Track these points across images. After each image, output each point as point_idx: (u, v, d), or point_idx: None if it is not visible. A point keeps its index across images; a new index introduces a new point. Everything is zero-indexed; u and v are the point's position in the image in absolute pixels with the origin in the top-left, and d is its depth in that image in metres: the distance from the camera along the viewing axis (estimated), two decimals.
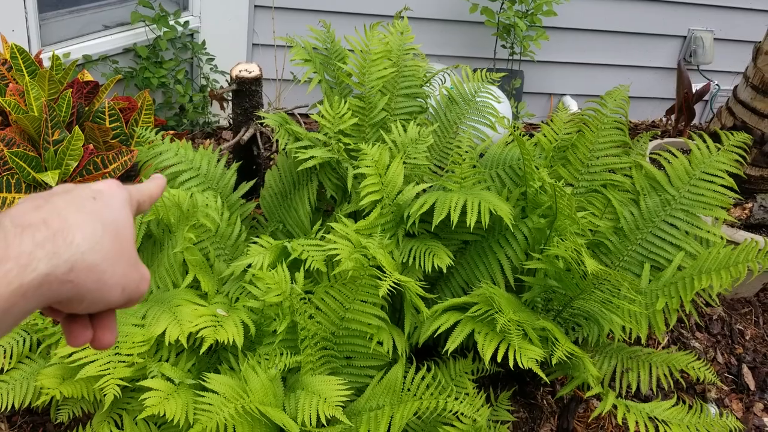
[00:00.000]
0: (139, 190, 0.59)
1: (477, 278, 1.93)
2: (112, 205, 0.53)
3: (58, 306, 0.49)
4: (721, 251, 1.85)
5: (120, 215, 0.53)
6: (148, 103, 2.32)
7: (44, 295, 0.46)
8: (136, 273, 0.53)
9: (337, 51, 2.27)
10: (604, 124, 2.09)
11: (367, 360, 1.77)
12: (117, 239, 0.51)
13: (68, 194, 0.51)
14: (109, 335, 0.55)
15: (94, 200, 0.52)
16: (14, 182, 1.93)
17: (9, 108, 1.98)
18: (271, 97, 3.12)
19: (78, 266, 0.47)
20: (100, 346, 0.55)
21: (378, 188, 1.85)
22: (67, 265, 0.46)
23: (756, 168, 2.63)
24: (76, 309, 0.50)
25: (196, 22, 2.99)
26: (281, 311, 1.66)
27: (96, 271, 0.48)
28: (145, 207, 0.60)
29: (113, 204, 0.53)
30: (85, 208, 0.50)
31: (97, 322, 0.54)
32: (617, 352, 2.01)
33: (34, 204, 0.48)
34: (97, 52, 2.76)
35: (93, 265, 0.48)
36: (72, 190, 0.52)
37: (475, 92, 2.24)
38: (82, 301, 0.49)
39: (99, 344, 0.55)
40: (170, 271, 1.79)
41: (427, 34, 3.33)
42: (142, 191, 0.59)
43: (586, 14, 3.52)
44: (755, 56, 2.65)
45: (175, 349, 1.69)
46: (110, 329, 0.55)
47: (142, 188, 0.59)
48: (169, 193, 1.80)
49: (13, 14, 2.47)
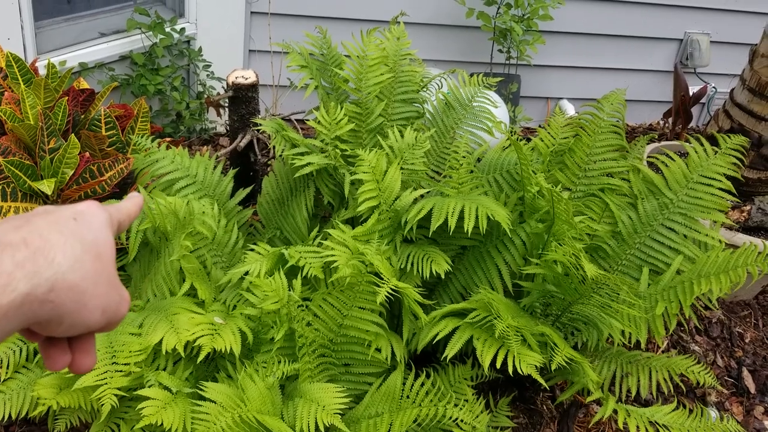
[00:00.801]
0: (118, 210, 0.59)
1: (475, 284, 1.92)
2: (93, 225, 0.52)
3: (37, 328, 0.49)
4: (720, 255, 1.85)
5: (100, 236, 0.52)
6: (145, 111, 2.31)
7: (24, 315, 0.45)
8: (116, 294, 0.53)
9: (334, 57, 2.27)
10: (601, 128, 2.08)
11: (366, 367, 1.76)
12: (97, 259, 0.51)
13: (49, 215, 0.51)
14: (88, 359, 0.54)
15: (75, 221, 0.51)
16: (10, 191, 1.92)
17: (5, 116, 1.97)
18: (268, 103, 3.12)
19: (58, 286, 0.47)
20: (78, 371, 0.54)
21: (375, 194, 1.84)
22: (48, 284, 0.46)
23: (754, 171, 2.63)
24: (55, 331, 0.50)
25: (192, 28, 2.99)
26: (279, 319, 1.66)
27: (76, 290, 0.48)
28: (125, 226, 0.60)
29: (94, 225, 0.53)
30: (66, 229, 0.50)
31: (76, 345, 0.54)
32: (617, 357, 2.01)
33: (14, 224, 0.48)
34: (93, 59, 2.76)
35: (73, 284, 0.48)
36: (53, 212, 0.52)
37: (471, 97, 2.24)
38: (61, 323, 0.48)
39: (77, 368, 0.54)
40: (167, 279, 1.78)
41: (424, 39, 3.34)
42: (121, 211, 0.59)
43: (582, 18, 3.52)
44: (752, 59, 2.66)
45: (173, 358, 1.68)
46: (89, 353, 0.54)
47: (121, 208, 0.59)
48: (166, 201, 1.79)
49: (9, 22, 2.47)
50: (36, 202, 1.97)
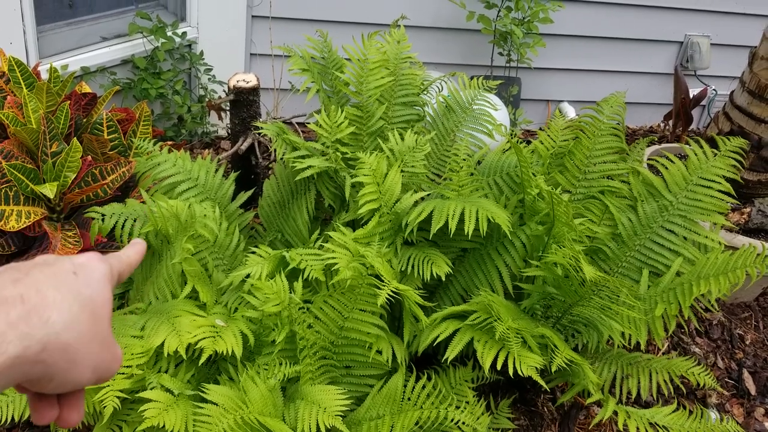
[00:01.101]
0: (119, 260, 0.58)
1: (476, 286, 1.93)
2: (92, 281, 0.52)
3: (27, 384, 0.48)
4: (720, 257, 1.85)
5: (99, 293, 0.52)
6: (146, 114, 2.32)
7: (14, 375, 0.45)
8: (108, 353, 0.52)
9: (335, 60, 2.28)
10: (600, 131, 2.09)
11: (367, 369, 1.77)
12: (93, 319, 0.50)
13: (49, 267, 0.50)
14: (75, 414, 0.54)
15: (75, 275, 0.51)
16: (12, 195, 1.93)
17: (7, 121, 1.98)
18: (269, 106, 3.13)
19: (51, 346, 0.46)
20: (64, 425, 0.54)
21: (376, 197, 1.85)
22: (40, 345, 0.45)
23: (753, 173, 2.64)
24: (45, 388, 0.49)
25: (194, 32, 3.00)
26: (280, 321, 1.66)
27: (69, 350, 0.47)
28: (125, 276, 0.59)
29: (93, 280, 0.52)
30: (64, 285, 0.49)
31: (65, 400, 0.53)
32: (617, 359, 2.01)
33: (13, 277, 0.47)
34: (95, 63, 2.77)
35: (66, 344, 0.47)
36: (53, 264, 0.51)
37: (471, 100, 2.24)
38: (51, 380, 0.48)
39: (64, 423, 0.54)
40: (169, 282, 1.79)
41: (425, 42, 3.35)
42: (122, 261, 0.59)
43: (583, 21, 3.53)
44: (751, 61, 2.66)
45: (174, 360, 1.69)
46: (77, 408, 0.54)
47: (122, 258, 0.59)
48: (168, 204, 1.80)
49: (11, 27, 2.48)
50: (38, 206, 1.98)
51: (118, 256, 0.59)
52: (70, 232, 1.98)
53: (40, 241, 2.02)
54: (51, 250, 1.89)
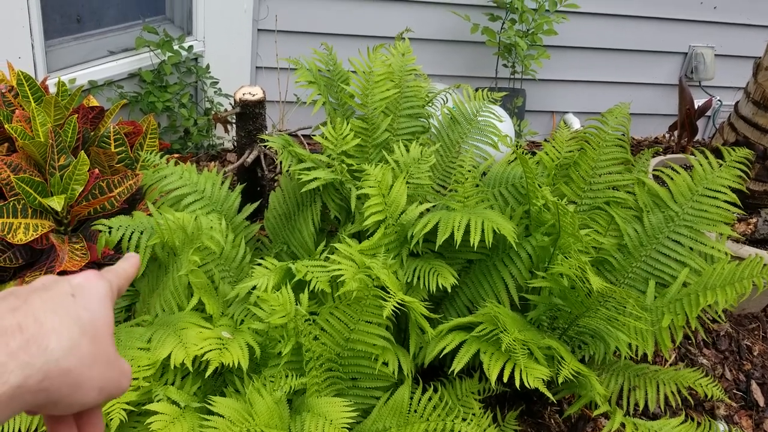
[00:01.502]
0: (117, 275, 0.58)
1: (482, 297, 1.93)
2: (92, 302, 0.52)
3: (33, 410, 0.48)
4: (726, 267, 1.85)
5: (99, 313, 0.52)
6: (153, 127, 2.34)
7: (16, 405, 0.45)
8: (114, 371, 0.52)
9: (340, 73, 2.29)
10: (605, 142, 2.10)
11: (373, 381, 1.76)
12: (94, 341, 0.50)
13: (47, 292, 0.50)
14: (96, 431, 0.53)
15: (74, 298, 0.50)
16: (20, 207, 1.95)
17: (15, 134, 2.00)
18: (275, 118, 3.14)
19: (52, 373, 0.46)
20: None
21: (381, 208, 1.86)
22: (41, 374, 0.45)
23: (759, 183, 2.63)
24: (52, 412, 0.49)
25: (200, 46, 3.02)
26: (286, 333, 1.66)
27: (71, 376, 0.47)
28: (124, 290, 0.59)
29: (92, 300, 0.52)
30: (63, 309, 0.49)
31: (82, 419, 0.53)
32: (624, 370, 2.00)
33: (11, 305, 0.47)
34: (102, 77, 2.80)
35: (67, 370, 0.47)
36: (51, 287, 0.51)
37: (476, 112, 2.25)
38: (56, 405, 0.48)
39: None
40: (175, 294, 1.80)
41: (430, 54, 3.36)
42: (120, 275, 0.58)
43: (587, 33, 3.54)
44: (755, 72, 2.67)
45: (181, 373, 1.69)
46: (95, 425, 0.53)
47: (120, 272, 0.59)
48: (174, 217, 1.81)
49: (20, 41, 2.51)
50: (46, 218, 2.00)
51: (114, 270, 0.59)
52: (78, 245, 1.99)
53: (47, 254, 2.03)
54: (58, 262, 1.90)
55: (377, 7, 3.25)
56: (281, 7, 3.10)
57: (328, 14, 3.21)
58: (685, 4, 3.58)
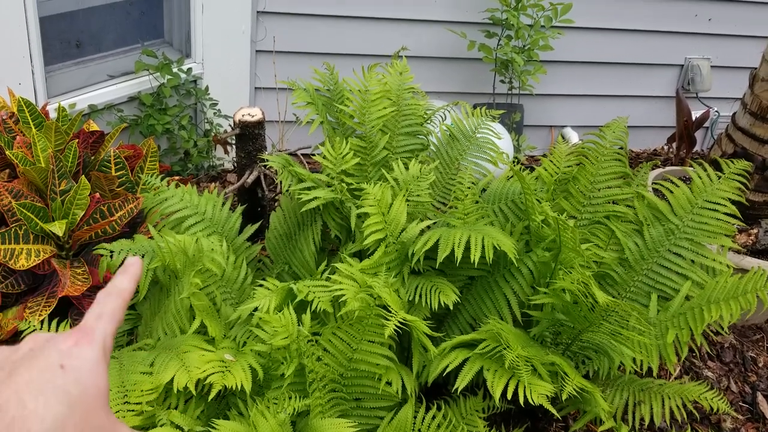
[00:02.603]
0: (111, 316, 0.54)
1: (484, 314, 1.92)
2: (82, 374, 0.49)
3: None
4: (729, 280, 1.85)
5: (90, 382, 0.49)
6: (153, 150, 2.35)
7: None
8: None
9: (340, 92, 2.30)
10: (604, 156, 2.10)
11: (377, 401, 1.76)
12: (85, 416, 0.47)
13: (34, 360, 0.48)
14: None
15: (62, 370, 0.48)
16: (22, 233, 1.95)
17: (17, 160, 2.01)
18: (274, 138, 3.16)
19: None
20: None
21: (381, 227, 1.86)
22: None
23: (759, 194, 2.64)
24: None
25: (199, 68, 3.04)
26: (289, 354, 1.66)
27: None
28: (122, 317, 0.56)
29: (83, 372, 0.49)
30: (51, 384, 0.47)
31: None
32: (629, 385, 1.99)
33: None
34: (102, 101, 2.81)
35: None
36: (39, 355, 0.48)
37: (475, 129, 2.26)
38: None
39: None
40: (177, 317, 1.80)
41: (427, 71, 3.38)
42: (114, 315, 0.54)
43: (583, 47, 3.56)
44: (752, 83, 2.68)
45: (184, 396, 1.68)
46: None
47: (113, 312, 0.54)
48: (175, 239, 1.81)
49: (20, 68, 2.53)
50: (48, 244, 2.00)
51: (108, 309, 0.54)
52: (79, 269, 1.99)
53: (49, 279, 2.03)
54: (60, 287, 1.90)
55: (375, 26, 3.27)
56: (279, 28, 3.13)
57: (325, 34, 3.23)
58: (680, 16, 3.61)
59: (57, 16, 2.66)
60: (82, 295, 1.94)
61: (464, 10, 3.30)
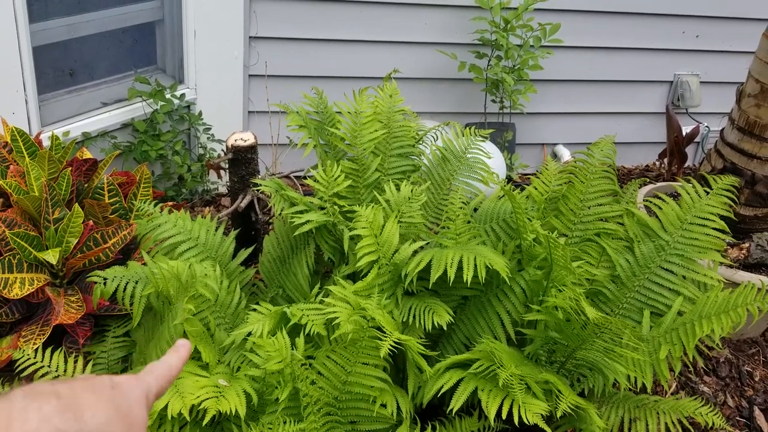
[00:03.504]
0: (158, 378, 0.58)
1: (478, 333, 1.93)
2: (130, 397, 0.52)
3: None
4: (720, 295, 1.86)
5: (135, 408, 0.52)
6: (146, 177, 2.36)
7: None
8: None
9: (330, 115, 2.32)
10: (593, 174, 2.12)
11: (372, 423, 1.75)
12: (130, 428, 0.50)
13: (88, 380, 0.51)
14: None
15: (113, 389, 0.51)
16: (16, 262, 1.96)
17: (10, 189, 2.02)
18: (267, 161, 3.17)
19: None
20: None
21: (374, 249, 1.87)
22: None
23: (749, 208, 2.65)
24: None
25: (192, 94, 3.07)
26: (283, 378, 1.66)
27: None
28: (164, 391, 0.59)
29: (131, 397, 0.53)
30: (102, 392, 0.50)
31: None
32: (624, 402, 1.99)
33: (50, 381, 0.49)
34: (95, 128, 2.83)
35: None
36: (92, 378, 0.52)
37: (465, 149, 2.28)
38: None
39: None
40: (171, 343, 1.79)
41: (419, 92, 3.41)
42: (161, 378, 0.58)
43: (573, 66, 3.60)
44: (739, 99, 2.71)
45: (179, 423, 1.68)
46: None
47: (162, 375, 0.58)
48: (168, 266, 1.82)
49: (13, 97, 2.55)
50: (41, 272, 2.00)
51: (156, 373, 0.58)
52: (73, 297, 1.99)
53: (43, 307, 2.03)
54: (54, 316, 1.90)
55: (366, 49, 3.31)
56: (271, 53, 3.16)
57: (317, 57, 3.27)
58: (667, 33, 3.65)
59: (50, 46, 2.69)
60: (76, 323, 1.94)
61: (454, 32, 3.34)
